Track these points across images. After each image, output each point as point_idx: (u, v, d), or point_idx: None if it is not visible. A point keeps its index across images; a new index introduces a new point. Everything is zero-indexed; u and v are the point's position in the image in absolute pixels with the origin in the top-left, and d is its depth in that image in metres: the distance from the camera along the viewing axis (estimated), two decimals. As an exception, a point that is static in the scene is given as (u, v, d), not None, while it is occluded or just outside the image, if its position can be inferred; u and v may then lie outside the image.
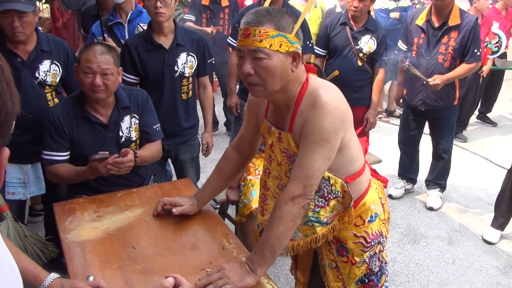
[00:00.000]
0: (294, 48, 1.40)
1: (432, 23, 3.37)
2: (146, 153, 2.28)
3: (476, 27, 3.29)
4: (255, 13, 1.39)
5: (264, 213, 1.71)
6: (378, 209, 1.66)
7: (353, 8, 3.31)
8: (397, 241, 3.31)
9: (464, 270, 3.03)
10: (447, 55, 3.35)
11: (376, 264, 1.70)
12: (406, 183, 3.97)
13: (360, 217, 1.63)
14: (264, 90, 1.44)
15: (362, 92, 3.49)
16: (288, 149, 1.54)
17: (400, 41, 3.71)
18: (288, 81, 1.44)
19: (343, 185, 1.56)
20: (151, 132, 2.35)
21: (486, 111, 5.95)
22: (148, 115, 2.34)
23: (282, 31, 1.37)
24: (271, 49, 1.36)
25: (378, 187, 1.72)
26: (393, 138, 4.38)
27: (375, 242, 1.66)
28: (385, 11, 5.49)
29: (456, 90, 3.50)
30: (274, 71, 1.39)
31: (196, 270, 1.50)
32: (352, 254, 1.65)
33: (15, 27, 2.23)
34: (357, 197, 1.61)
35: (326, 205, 1.58)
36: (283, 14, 1.40)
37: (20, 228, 2.32)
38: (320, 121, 1.40)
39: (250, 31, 1.37)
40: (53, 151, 2.16)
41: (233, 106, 3.46)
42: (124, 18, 2.96)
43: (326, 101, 1.41)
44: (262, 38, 1.36)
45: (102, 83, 2.07)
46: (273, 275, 2.84)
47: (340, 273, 1.68)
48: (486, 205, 3.88)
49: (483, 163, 4.82)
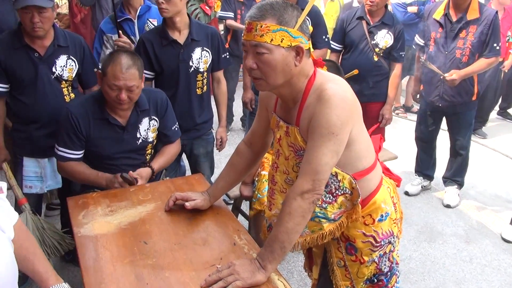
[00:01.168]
0: (297, 42, 1.38)
1: (450, 17, 3.31)
2: (163, 160, 2.37)
3: (496, 20, 3.22)
4: (259, 7, 1.39)
5: (271, 208, 1.70)
6: (389, 208, 1.63)
7: (369, 3, 3.26)
8: (413, 238, 3.27)
9: (482, 269, 2.97)
10: (465, 49, 3.28)
11: (386, 264, 1.67)
12: (423, 180, 3.92)
13: (370, 215, 1.60)
14: (266, 84, 1.44)
15: (378, 88, 3.44)
16: (295, 143, 1.53)
17: (417, 36, 3.65)
18: (292, 76, 1.43)
19: (351, 182, 1.54)
20: (170, 134, 2.43)
21: (507, 106, 5.83)
22: (168, 118, 2.40)
23: (284, 25, 1.36)
24: (272, 43, 1.36)
25: (390, 186, 1.69)
26: (410, 134, 4.32)
27: (385, 242, 1.63)
28: (403, 5, 5.39)
29: (475, 86, 3.43)
30: (275, 65, 1.39)
31: (207, 266, 1.50)
32: (361, 253, 1.62)
33: (35, 23, 2.27)
34: (367, 195, 1.59)
35: (333, 201, 1.56)
36: (287, 8, 1.38)
37: (38, 221, 2.36)
38: (327, 114, 1.38)
39: (253, 25, 1.38)
40: (67, 148, 2.20)
41: (248, 102, 3.46)
42: (133, 14, 2.96)
43: (333, 94, 1.39)
44: (263, 33, 1.36)
45: (127, 97, 2.11)
46: (286, 271, 2.84)
47: (348, 272, 1.66)
48: (505, 203, 3.81)
49: (503, 160, 4.72)
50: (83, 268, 1.49)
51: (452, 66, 3.31)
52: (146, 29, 2.95)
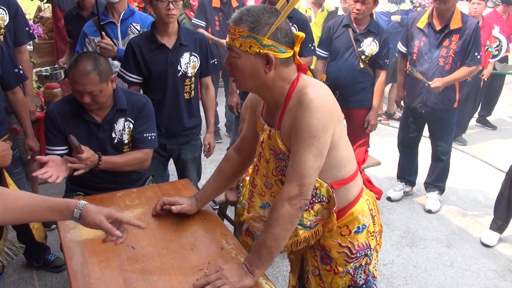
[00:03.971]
0: (266, 50, 1.39)
1: (434, 26, 3.38)
2: (118, 159, 2.25)
3: (477, 30, 3.30)
4: (240, 11, 1.42)
5: (249, 210, 1.71)
6: (367, 220, 1.63)
7: (356, 11, 3.32)
8: (396, 243, 3.32)
9: (462, 273, 3.03)
10: (448, 58, 3.35)
11: (361, 277, 1.67)
12: (405, 186, 3.98)
13: (346, 226, 1.60)
14: (239, 85, 1.51)
15: (363, 94, 3.50)
16: (275, 146, 1.54)
17: (399, 43, 3.70)
18: (265, 81, 1.45)
19: (328, 190, 1.54)
20: (141, 139, 2.33)
21: (486, 114, 5.95)
22: (143, 121, 2.33)
23: (255, 32, 1.38)
24: (241, 49, 1.40)
25: (370, 198, 1.69)
26: (393, 141, 4.39)
27: (361, 254, 1.63)
28: (387, 14, 5.49)
29: (457, 93, 3.51)
30: (243, 70, 1.43)
31: (195, 270, 1.51)
32: (335, 263, 1.62)
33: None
34: (345, 205, 1.59)
35: (310, 208, 1.56)
36: (263, 15, 1.38)
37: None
38: (307, 118, 1.39)
39: (230, 28, 1.42)
40: (52, 145, 2.22)
41: (234, 106, 3.48)
42: (116, 18, 2.97)
43: (313, 98, 1.40)
44: (235, 37, 1.40)
45: (91, 100, 2.12)
46: (271, 276, 2.85)
47: (322, 281, 1.66)
48: (484, 208, 3.89)
49: (482, 166, 4.82)
50: (70, 273, 1.48)
51: (436, 74, 3.38)
52: (129, 33, 2.97)
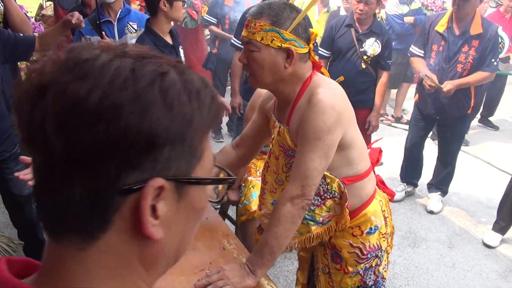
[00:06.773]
0: (288, 44, 1.39)
1: (453, 31, 3.27)
2: None
3: (497, 36, 3.23)
4: (259, 5, 1.41)
5: (261, 207, 1.70)
6: (379, 222, 1.63)
7: (359, 11, 3.30)
8: (397, 244, 3.31)
9: (464, 274, 3.02)
10: (467, 64, 3.25)
11: (371, 278, 1.67)
12: (406, 186, 3.96)
13: (358, 227, 1.60)
14: (255, 81, 1.47)
15: (365, 95, 3.47)
16: (284, 143, 1.53)
17: (413, 46, 3.57)
18: (282, 76, 1.44)
19: (340, 185, 1.53)
20: None
21: (488, 114, 5.93)
22: None
23: (277, 26, 1.38)
24: (262, 42, 1.38)
25: (383, 200, 1.69)
26: (394, 141, 4.38)
27: (372, 255, 1.63)
28: (400, 16, 5.38)
29: (472, 99, 3.42)
30: (263, 64, 1.41)
31: (196, 271, 1.50)
32: (346, 263, 1.62)
33: None
34: (358, 205, 1.59)
35: (322, 204, 1.56)
36: (285, 9, 1.39)
37: None
38: (313, 119, 1.39)
39: (249, 22, 1.40)
40: None
41: (236, 107, 3.46)
42: (113, 17, 2.97)
43: (321, 99, 1.39)
44: (256, 31, 1.38)
45: None
46: (272, 276, 2.84)
47: (331, 279, 1.66)
48: (486, 209, 3.87)
49: (484, 167, 4.81)
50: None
51: (453, 79, 3.28)
52: (126, 32, 2.96)
